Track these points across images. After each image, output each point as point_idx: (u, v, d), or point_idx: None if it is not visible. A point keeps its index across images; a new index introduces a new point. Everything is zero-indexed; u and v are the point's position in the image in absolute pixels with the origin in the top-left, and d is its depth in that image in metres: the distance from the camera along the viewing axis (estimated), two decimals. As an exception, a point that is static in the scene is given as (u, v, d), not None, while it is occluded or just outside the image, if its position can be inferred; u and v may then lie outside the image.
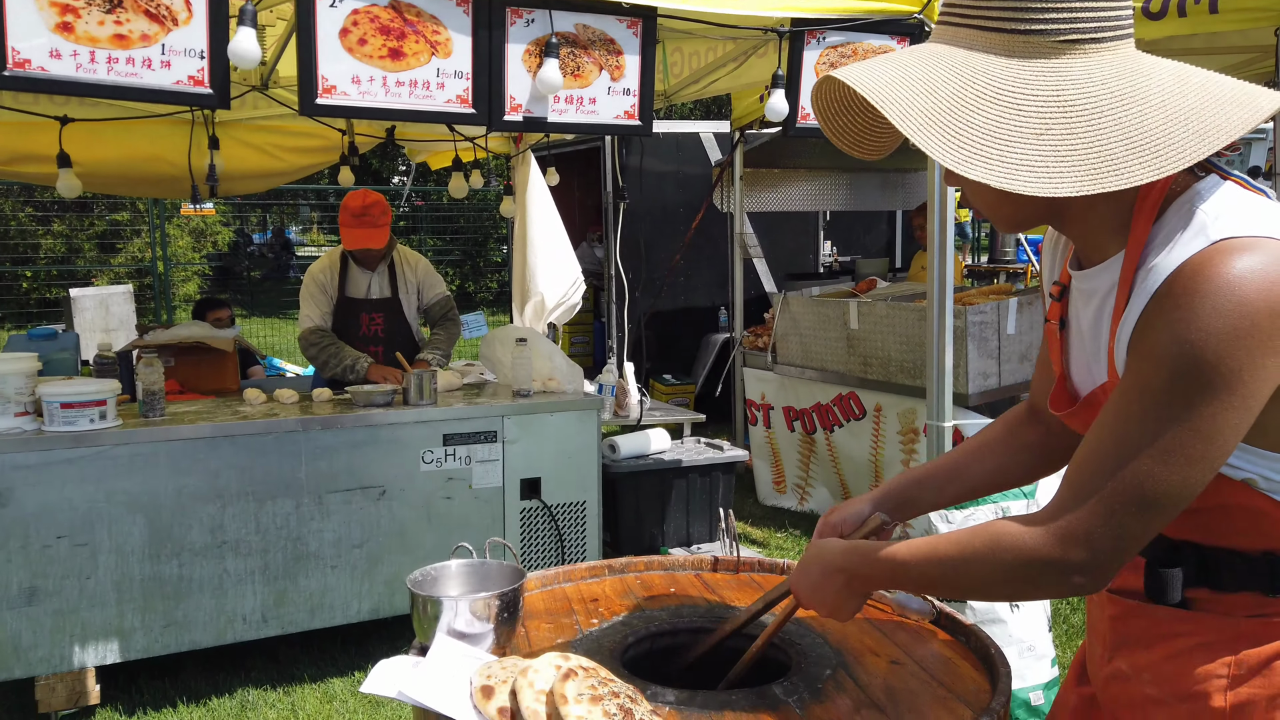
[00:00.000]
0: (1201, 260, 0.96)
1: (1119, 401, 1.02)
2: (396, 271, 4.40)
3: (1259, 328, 0.93)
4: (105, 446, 3.09)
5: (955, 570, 1.12)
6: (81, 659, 3.11)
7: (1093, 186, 0.95)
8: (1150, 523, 1.01)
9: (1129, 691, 1.19)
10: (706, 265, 8.00)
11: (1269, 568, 1.06)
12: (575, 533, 3.77)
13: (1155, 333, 0.98)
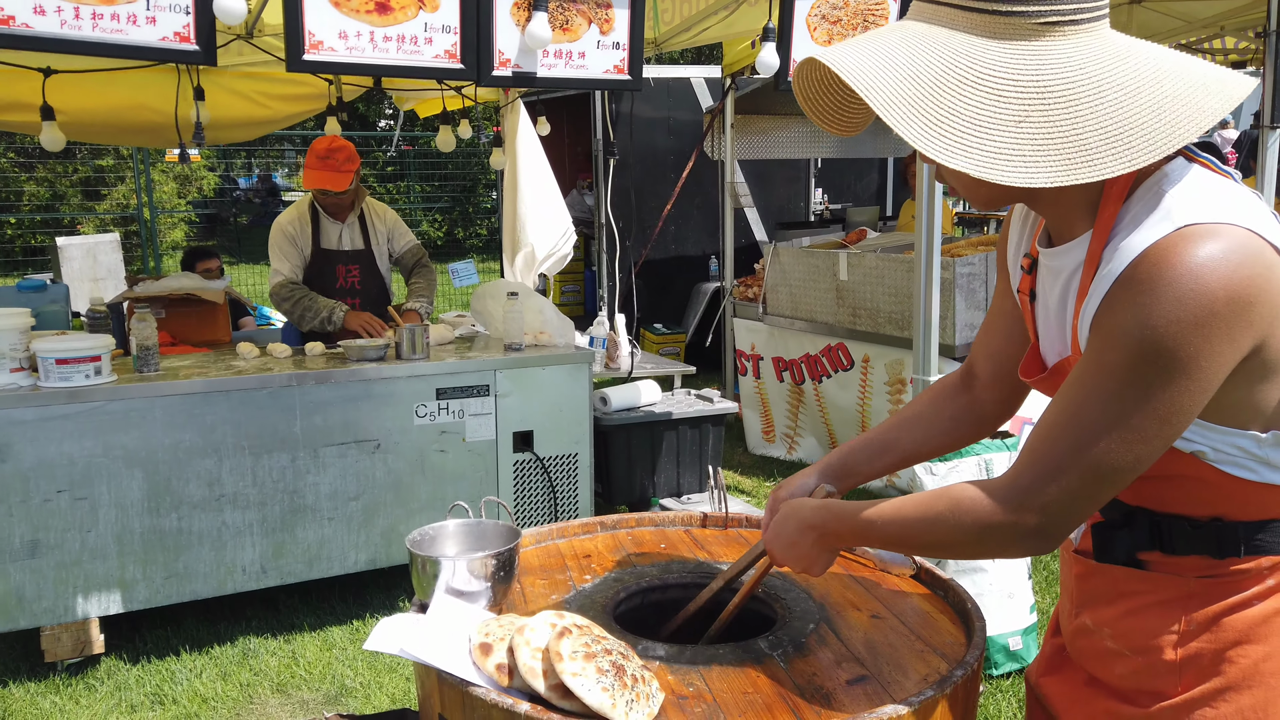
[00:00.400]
0: (1165, 246, 0.99)
1: (1080, 378, 1.06)
2: (367, 223, 4.38)
3: (1218, 315, 0.96)
4: (101, 402, 3.12)
5: (918, 530, 1.19)
6: (85, 610, 3.18)
7: (1068, 178, 0.98)
8: (1102, 493, 1.06)
9: (1092, 644, 1.26)
10: (697, 213, 7.99)
11: (1216, 533, 1.12)
12: (567, 484, 3.84)
13: (1118, 315, 1.01)
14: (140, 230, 12.47)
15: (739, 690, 1.33)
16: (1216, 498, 1.12)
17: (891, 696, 1.31)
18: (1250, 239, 0.98)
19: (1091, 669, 1.27)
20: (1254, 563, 1.12)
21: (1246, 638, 1.12)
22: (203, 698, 3.07)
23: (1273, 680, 1.11)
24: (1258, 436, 1.08)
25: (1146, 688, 1.19)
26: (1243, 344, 1.00)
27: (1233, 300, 0.96)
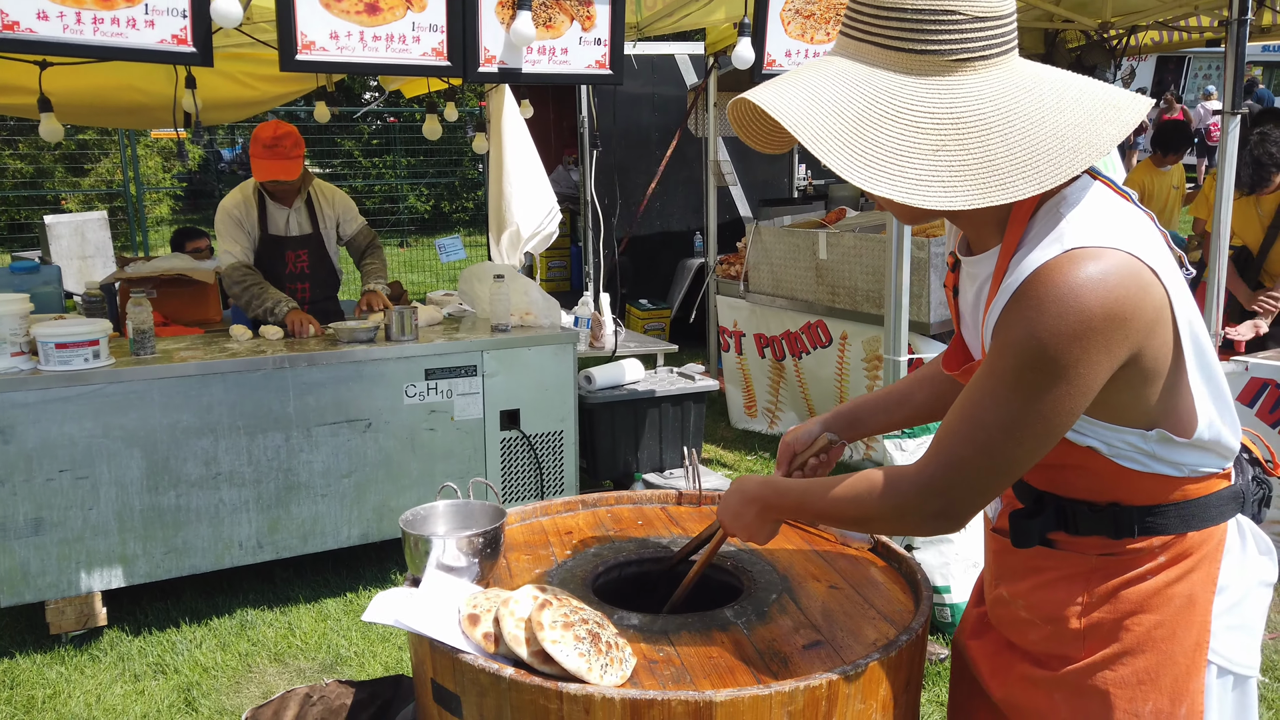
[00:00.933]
0: (1053, 266, 1.09)
1: (978, 382, 1.18)
2: (315, 206, 4.33)
3: (1094, 329, 1.07)
4: (100, 384, 3.23)
5: (843, 507, 1.33)
6: (88, 584, 3.30)
7: (982, 200, 1.09)
8: (997, 481, 1.20)
9: (1009, 613, 1.40)
10: (682, 189, 8.06)
11: (1113, 517, 1.26)
12: (553, 461, 3.97)
13: (1010, 327, 1.12)
14: (126, 206, 12.44)
15: (705, 655, 1.46)
16: (1113, 486, 1.25)
17: (843, 659, 1.45)
18: (1129, 261, 1.09)
19: (1008, 635, 1.42)
20: (1147, 542, 1.25)
21: (1141, 608, 1.26)
22: (203, 667, 3.20)
23: (1164, 645, 1.25)
24: (1143, 434, 1.20)
25: (1055, 652, 1.33)
26: (1118, 354, 1.11)
27: (1109, 316, 1.07)
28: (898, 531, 1.32)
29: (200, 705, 2.97)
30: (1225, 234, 4.01)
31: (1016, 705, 1.39)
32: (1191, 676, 1.25)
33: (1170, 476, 1.23)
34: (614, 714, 1.30)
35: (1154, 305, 1.11)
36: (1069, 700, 1.31)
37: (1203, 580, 1.25)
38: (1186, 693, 1.25)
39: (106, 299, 4.87)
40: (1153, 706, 1.26)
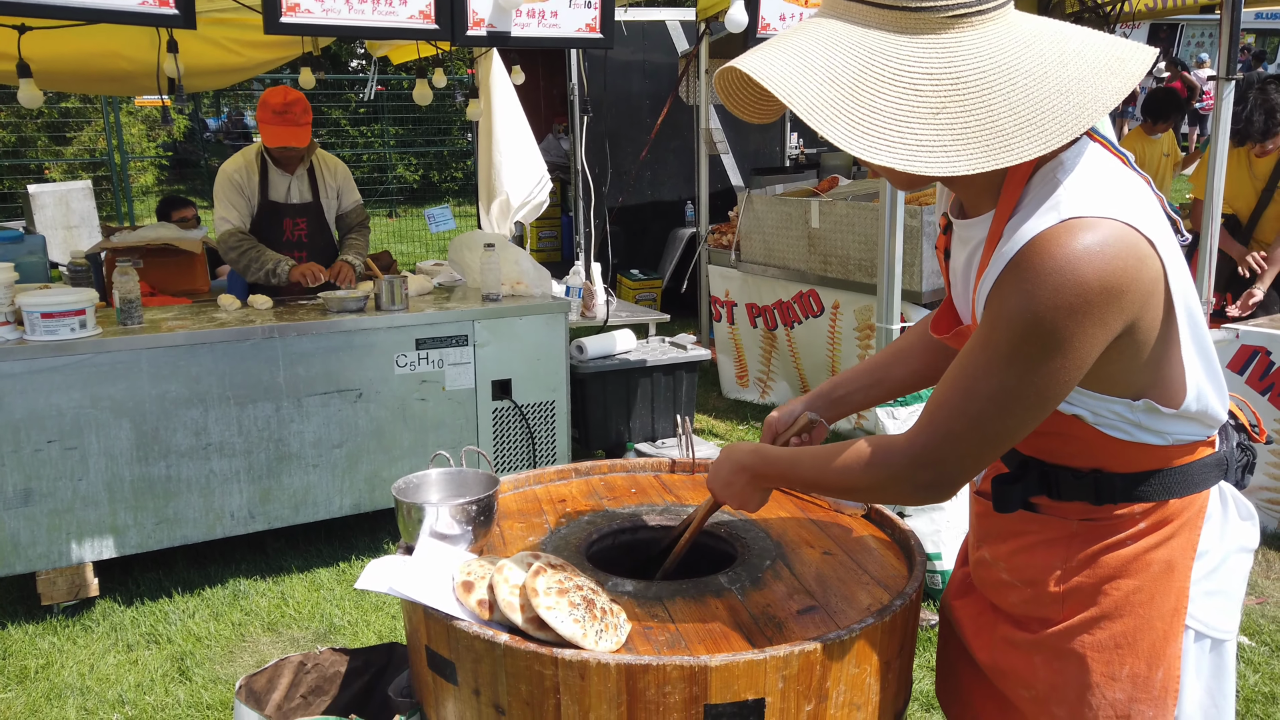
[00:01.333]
0: (1049, 237, 1.06)
1: (971, 352, 1.16)
2: (316, 175, 4.30)
3: (1091, 303, 1.06)
4: (87, 355, 3.20)
5: (831, 475, 1.32)
6: (79, 555, 3.29)
7: (987, 164, 1.05)
8: (988, 452, 1.19)
9: (990, 575, 1.41)
10: (673, 158, 8.00)
11: (1095, 483, 1.26)
12: (545, 431, 3.96)
13: (1006, 298, 1.10)
14: (111, 175, 12.30)
15: (699, 621, 1.47)
16: (1096, 453, 1.25)
17: (837, 624, 1.45)
18: (1126, 232, 1.07)
19: (990, 597, 1.43)
20: (1128, 509, 1.25)
21: (1120, 573, 1.26)
22: (196, 637, 3.21)
23: (1141, 610, 1.26)
24: (1130, 404, 1.19)
25: (1035, 615, 1.34)
26: (1114, 326, 1.09)
27: (1106, 289, 1.05)
28: (886, 500, 1.32)
29: (194, 674, 2.97)
30: (1218, 200, 4.00)
31: (998, 667, 1.40)
32: (1169, 641, 1.26)
33: (1154, 445, 1.22)
34: (609, 679, 1.30)
35: (1150, 277, 1.09)
36: (1048, 663, 1.32)
37: (1182, 547, 1.26)
38: (1163, 657, 1.26)
39: (92, 269, 4.82)
40: (1129, 670, 1.27)
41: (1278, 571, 3.54)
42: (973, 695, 1.49)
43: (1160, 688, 1.26)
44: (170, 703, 2.83)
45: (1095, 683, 1.28)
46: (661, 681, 1.29)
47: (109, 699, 2.85)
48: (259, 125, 4.05)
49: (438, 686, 1.50)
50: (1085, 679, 1.28)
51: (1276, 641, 3.04)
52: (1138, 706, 1.27)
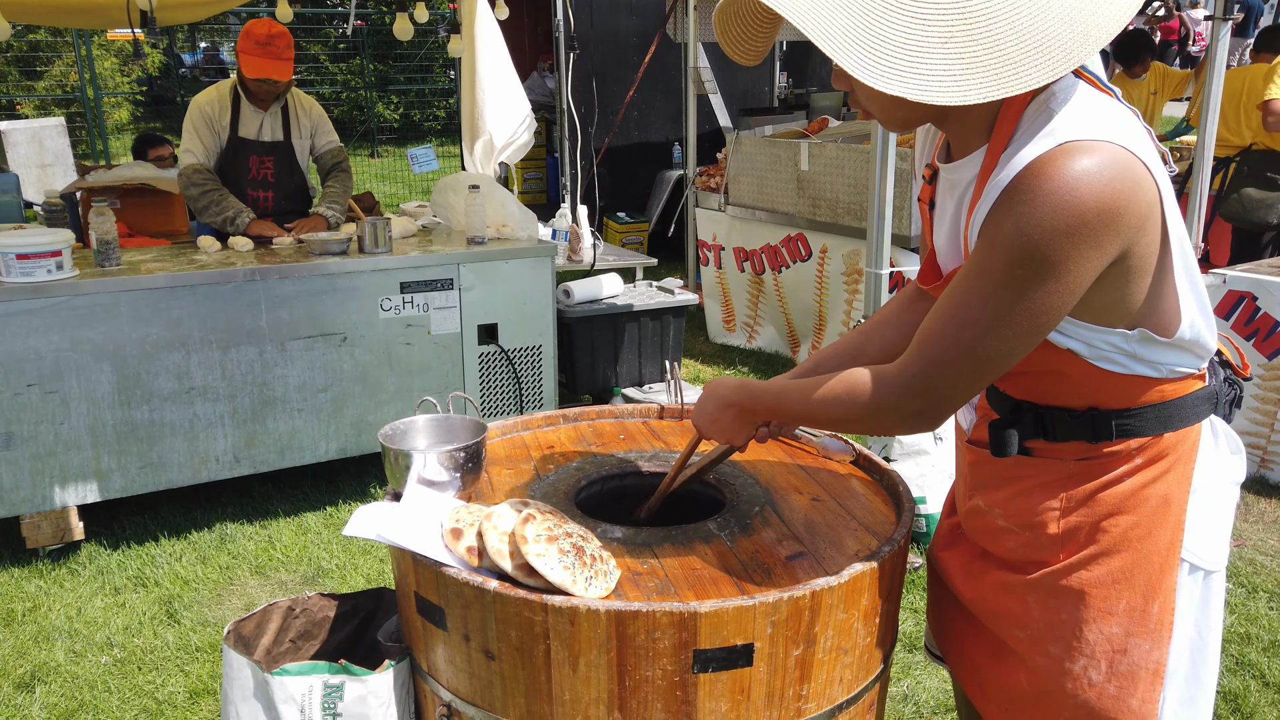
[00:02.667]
0: (1046, 160, 1.07)
1: (964, 277, 1.16)
2: (290, 114, 4.17)
3: (1088, 225, 1.06)
4: (65, 297, 3.14)
5: (820, 407, 1.33)
6: (63, 499, 3.28)
7: (998, 91, 1.04)
8: (979, 379, 1.19)
9: (985, 523, 1.42)
10: (661, 98, 7.87)
11: (1091, 421, 1.27)
12: (532, 375, 3.95)
13: (1000, 222, 1.10)
14: (85, 112, 12.01)
15: (689, 567, 1.47)
16: (1092, 390, 1.25)
17: (825, 570, 1.46)
18: (1122, 155, 1.07)
19: (984, 544, 1.43)
20: (1123, 445, 1.26)
21: (1117, 509, 1.28)
22: (184, 580, 3.21)
23: (1139, 545, 1.28)
24: (1125, 334, 1.19)
25: (1032, 558, 1.35)
26: (1109, 251, 1.09)
27: (1102, 211, 1.06)
28: (876, 432, 1.31)
29: (182, 617, 2.98)
30: (1210, 145, 3.97)
31: (989, 609, 1.41)
32: (1165, 574, 1.28)
33: (1148, 378, 1.23)
34: (599, 625, 1.30)
35: (1146, 201, 1.09)
36: (1042, 601, 1.33)
37: (1178, 480, 1.27)
38: (1160, 590, 1.28)
39: (68, 209, 4.72)
40: (1126, 604, 1.28)
41: (1256, 514, 3.60)
42: (966, 644, 1.50)
43: (1156, 620, 1.28)
44: (159, 645, 2.84)
45: (1091, 618, 1.29)
46: (651, 627, 1.29)
47: (97, 641, 2.86)
48: (239, 56, 3.93)
49: (427, 632, 1.50)
50: (1081, 614, 1.30)
51: (1253, 583, 3.10)
52: (1134, 640, 1.28)
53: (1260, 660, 2.68)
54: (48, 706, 2.57)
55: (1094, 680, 1.30)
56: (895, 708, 2.53)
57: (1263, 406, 3.79)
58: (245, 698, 1.58)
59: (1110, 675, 1.30)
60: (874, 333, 1.59)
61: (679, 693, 1.33)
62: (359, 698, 1.57)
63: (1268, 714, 2.46)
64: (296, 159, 4.23)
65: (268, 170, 4.16)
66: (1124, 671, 1.29)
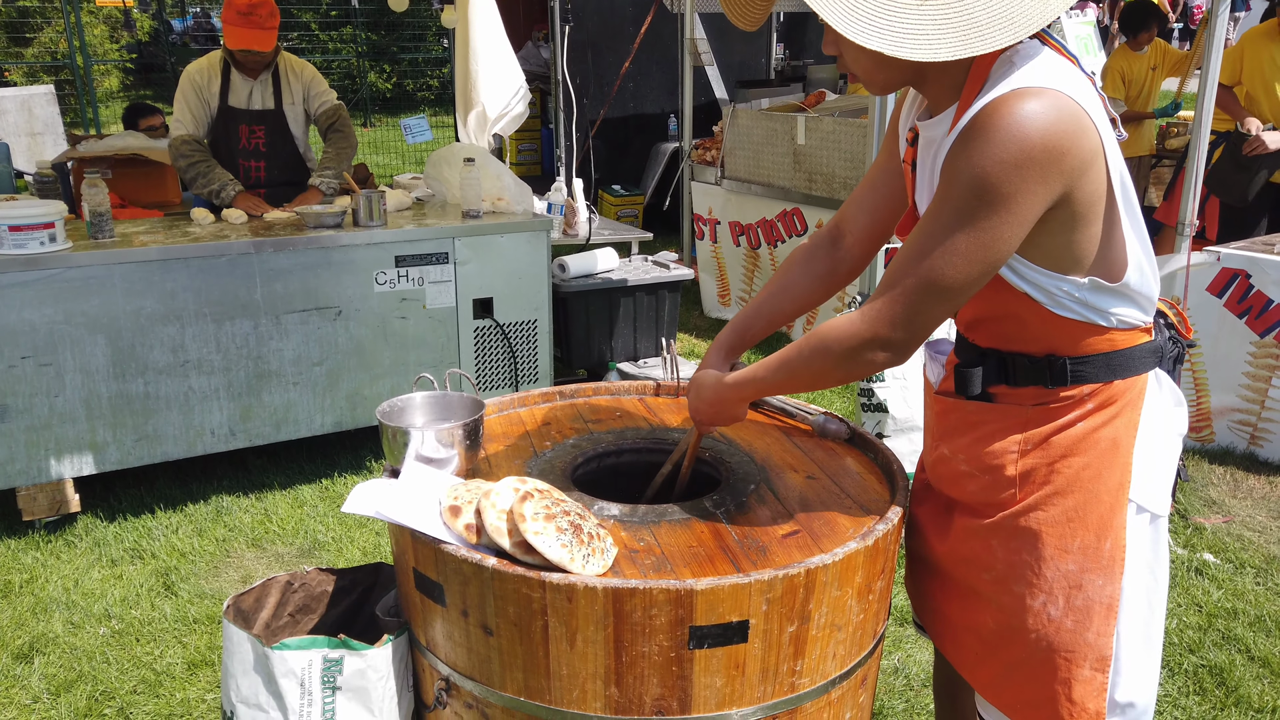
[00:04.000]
0: (999, 101, 1.18)
1: (926, 216, 1.28)
2: (281, 81, 4.11)
3: (1034, 159, 1.17)
4: (58, 269, 3.13)
5: (797, 367, 1.42)
6: (58, 471, 3.28)
7: (965, 50, 1.15)
8: (940, 307, 1.28)
9: (949, 469, 1.51)
10: (656, 70, 7.81)
11: (1048, 367, 1.37)
12: (527, 350, 3.95)
13: (957, 161, 1.21)
14: (74, 79, 11.87)
15: (685, 544, 1.48)
16: (1049, 336, 1.36)
17: (820, 548, 1.47)
18: (1068, 102, 1.18)
19: (948, 491, 1.52)
20: (1076, 390, 1.37)
21: (1070, 452, 1.37)
22: (181, 552, 3.23)
23: (1090, 485, 1.37)
24: (1078, 281, 1.30)
25: (991, 500, 1.44)
26: (1054, 187, 1.20)
27: (1048, 148, 1.16)
28: (855, 375, 1.38)
29: (179, 589, 3.00)
30: (1208, 120, 3.96)
31: (957, 556, 1.50)
32: (1114, 513, 1.37)
33: (1099, 326, 1.34)
34: (596, 602, 1.32)
35: (1089, 148, 1.20)
36: (1005, 543, 1.42)
37: (1126, 425, 1.36)
38: (1110, 528, 1.37)
39: (59, 179, 4.68)
40: (1080, 542, 1.37)
41: (1245, 490, 3.63)
42: (938, 600, 1.58)
43: (1109, 557, 1.37)
44: (156, 617, 2.86)
45: (1049, 556, 1.39)
46: (648, 604, 1.31)
47: (95, 613, 2.88)
48: (223, 26, 3.88)
49: (426, 607, 1.51)
50: (1040, 553, 1.39)
51: (1240, 559, 3.14)
52: (1088, 575, 1.38)
53: (1246, 635, 2.72)
54: (47, 677, 2.59)
55: (1053, 615, 1.40)
56: (886, 680, 2.56)
57: (1254, 384, 3.82)
58: (245, 671, 1.60)
59: (1067, 610, 1.39)
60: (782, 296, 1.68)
61: (675, 668, 1.35)
62: (358, 671, 1.58)
63: (1252, 688, 2.50)
64: (289, 127, 4.17)
65: (259, 140, 4.12)
66: (1080, 606, 1.38)
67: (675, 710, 1.38)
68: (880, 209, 1.58)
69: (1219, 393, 3.91)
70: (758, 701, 1.41)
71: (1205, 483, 3.67)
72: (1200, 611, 2.85)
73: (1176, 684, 2.53)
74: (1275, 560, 3.13)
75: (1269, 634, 2.74)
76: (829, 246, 1.66)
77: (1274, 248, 3.85)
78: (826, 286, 1.67)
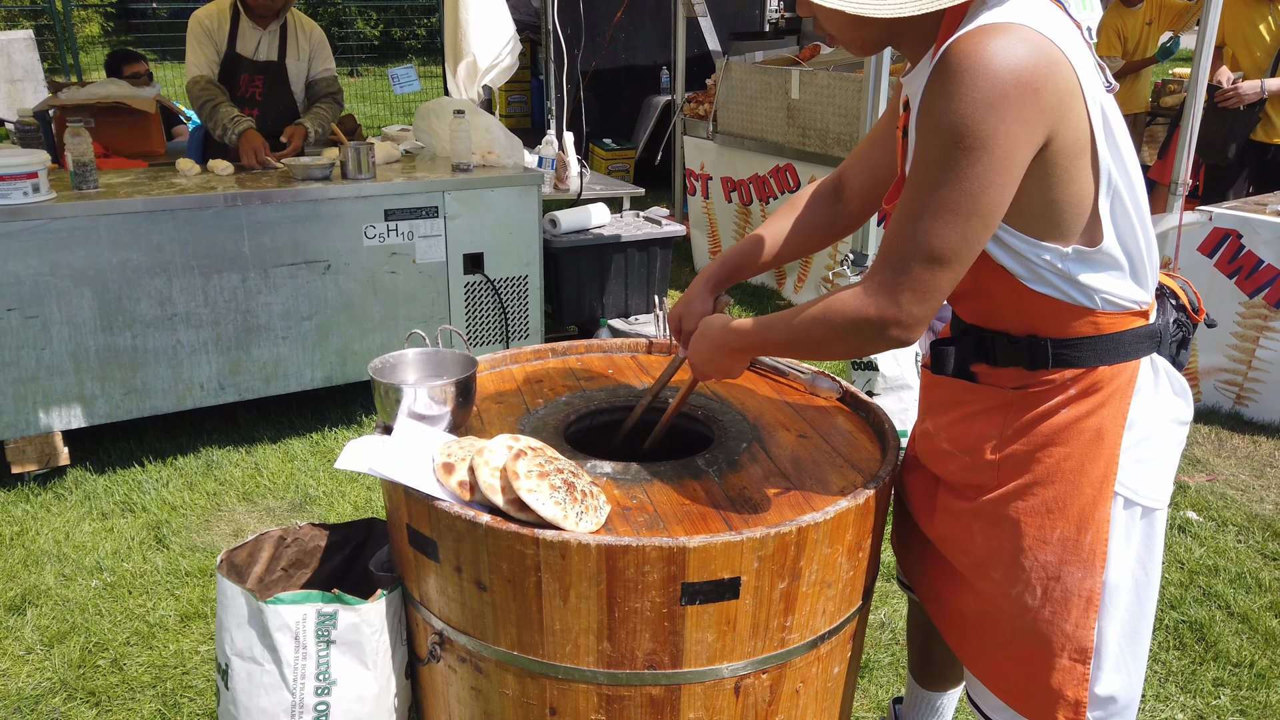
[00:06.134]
0: (961, 41, 1.13)
1: (910, 177, 1.21)
2: (289, 34, 4.07)
3: (1007, 97, 1.10)
4: (42, 220, 3.08)
5: (801, 333, 1.35)
6: (47, 423, 3.27)
7: (932, 4, 1.15)
8: (942, 275, 1.20)
9: (933, 445, 1.50)
10: (649, 20, 7.69)
11: (1029, 348, 1.33)
12: (518, 306, 3.93)
13: (928, 111, 1.16)
14: (54, 25, 11.60)
15: (678, 502, 1.49)
16: (1028, 315, 1.31)
17: (812, 506, 1.48)
18: (1037, 37, 1.12)
19: (932, 467, 1.51)
20: (1059, 374, 1.32)
21: (1052, 441, 1.34)
22: (171, 506, 3.23)
23: (1071, 476, 1.34)
24: (1060, 250, 1.24)
25: (972, 482, 1.42)
26: (1035, 128, 1.13)
27: (1020, 84, 1.10)
28: (859, 348, 1.33)
29: (170, 542, 3.01)
30: (1203, 78, 3.93)
31: (940, 536, 1.50)
32: (1097, 506, 1.33)
33: (1083, 306, 1.27)
34: (589, 559, 1.32)
35: (1065, 85, 1.14)
36: (984, 529, 1.41)
37: (1112, 415, 1.32)
38: (1092, 521, 1.34)
39: (41, 127, 4.60)
40: (1060, 533, 1.35)
41: (1229, 449, 3.67)
42: (925, 565, 1.60)
43: (1089, 550, 1.34)
44: (148, 570, 2.87)
45: (1028, 546, 1.36)
46: (641, 562, 1.32)
47: (86, 566, 2.89)
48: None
49: (419, 563, 1.52)
50: (1019, 542, 1.37)
51: (1223, 517, 3.18)
52: (1067, 568, 1.35)
53: (1226, 591, 2.77)
54: (40, 629, 2.60)
55: (1030, 604, 1.38)
56: (872, 635, 2.60)
57: (1241, 344, 3.84)
58: (240, 625, 1.61)
59: (1045, 600, 1.37)
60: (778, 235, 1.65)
61: (667, 624, 1.37)
62: (352, 625, 1.60)
63: (1231, 643, 2.55)
64: (289, 81, 4.13)
65: (256, 89, 4.07)
66: (1058, 597, 1.36)
67: (667, 665, 1.39)
68: (881, 167, 1.55)
69: (1206, 353, 3.94)
70: (748, 656, 1.42)
71: (1190, 441, 3.71)
72: (1182, 568, 2.90)
73: (1157, 639, 2.58)
74: (1257, 518, 3.18)
75: (1249, 591, 2.79)
76: (830, 198, 1.63)
77: (1266, 208, 3.85)
78: (825, 236, 1.65)
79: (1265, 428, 3.81)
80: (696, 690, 1.42)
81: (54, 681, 2.40)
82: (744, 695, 1.45)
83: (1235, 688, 2.40)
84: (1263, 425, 3.83)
